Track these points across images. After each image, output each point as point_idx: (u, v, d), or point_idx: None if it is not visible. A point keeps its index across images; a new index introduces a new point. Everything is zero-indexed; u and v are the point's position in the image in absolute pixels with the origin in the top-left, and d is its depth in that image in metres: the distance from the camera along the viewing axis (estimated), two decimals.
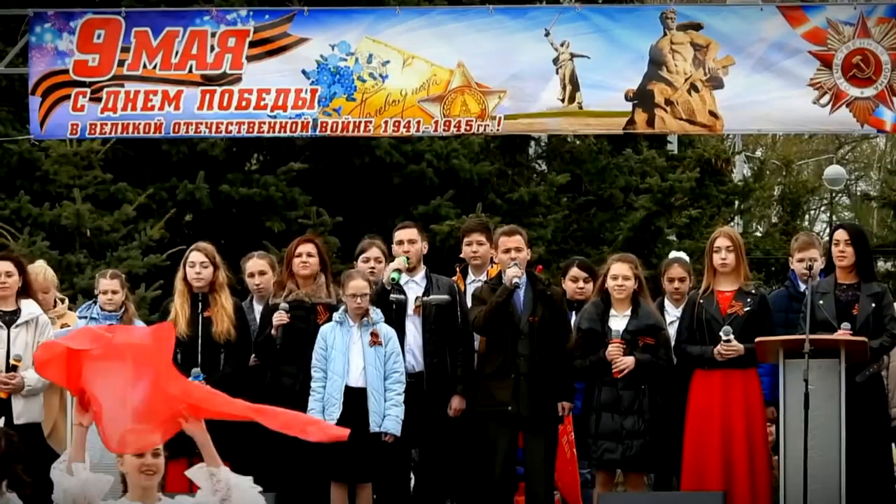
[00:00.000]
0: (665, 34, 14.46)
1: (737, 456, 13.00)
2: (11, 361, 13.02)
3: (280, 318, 13.10)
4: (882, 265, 32.39)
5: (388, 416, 12.83)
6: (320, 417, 12.70)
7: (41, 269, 14.29)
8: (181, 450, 12.96)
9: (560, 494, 14.05)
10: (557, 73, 14.45)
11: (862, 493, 12.75)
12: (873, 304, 12.97)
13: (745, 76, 14.35)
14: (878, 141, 40.67)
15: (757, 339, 12.82)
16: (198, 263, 13.31)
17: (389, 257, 13.67)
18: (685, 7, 16.91)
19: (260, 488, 9.45)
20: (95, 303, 13.64)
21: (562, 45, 14.47)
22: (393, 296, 13.29)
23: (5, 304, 13.25)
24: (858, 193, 44.19)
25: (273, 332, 13.12)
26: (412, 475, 13.58)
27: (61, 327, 13.43)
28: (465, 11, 16.51)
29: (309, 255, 13.49)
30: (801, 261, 13.59)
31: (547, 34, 14.55)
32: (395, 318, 13.21)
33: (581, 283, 14.14)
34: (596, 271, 14.22)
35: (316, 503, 13.03)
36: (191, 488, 10.68)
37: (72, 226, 22.04)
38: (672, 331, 13.31)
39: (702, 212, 28.83)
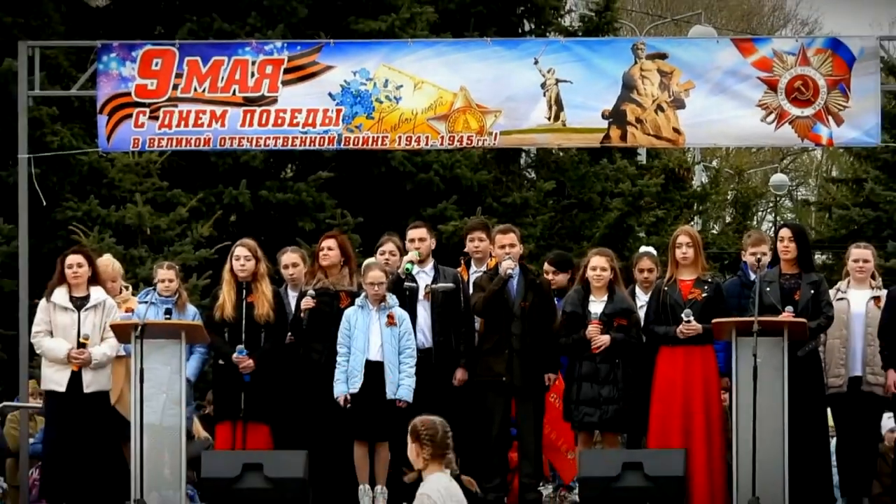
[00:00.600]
0: (636, 62, 14.46)
1: (696, 419, 13.08)
2: (81, 339, 13.09)
3: (307, 303, 13.21)
4: (819, 258, 32.33)
5: (401, 385, 12.91)
6: (344, 387, 12.88)
7: (109, 262, 14.35)
8: (259, 414, 13.26)
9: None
10: (545, 95, 14.46)
11: (802, 450, 12.80)
12: (812, 291, 13.04)
13: (704, 98, 14.36)
14: (816, 153, 40.76)
15: (713, 320, 12.90)
16: (242, 257, 13.38)
17: (403, 251, 13.73)
18: (653, 40, 17.03)
19: None
20: (154, 289, 13.67)
21: (548, 71, 14.48)
22: (406, 284, 13.37)
23: (77, 291, 13.32)
24: (799, 198, 44.23)
25: (301, 314, 13.22)
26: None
27: (125, 311, 13.47)
28: (466, 43, 16.53)
29: (329, 248, 13.59)
30: (752, 254, 13.69)
31: (536, 62, 14.55)
32: (408, 302, 13.26)
33: (550, 276, 14.22)
34: (574, 263, 14.34)
35: (341, 459, 13.07)
36: None
37: (134, 225, 22.07)
38: (641, 313, 13.36)
39: (666, 213, 28.93)
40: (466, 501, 8.83)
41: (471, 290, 13.46)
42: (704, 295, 13.16)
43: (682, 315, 12.95)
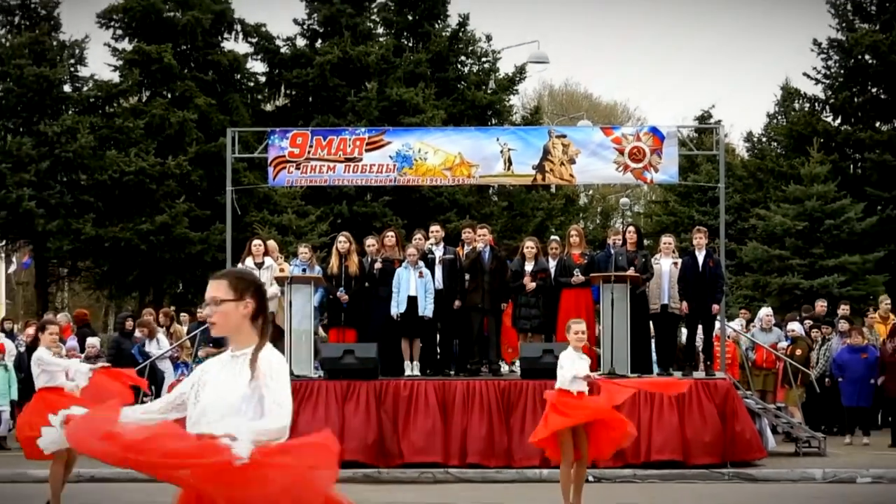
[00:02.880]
0: (550, 139, 14.31)
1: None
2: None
3: (377, 266, 13.19)
4: (645, 242, 32.40)
5: (426, 308, 12.84)
6: (396, 309, 12.78)
7: (273, 244, 14.38)
8: (351, 323, 12.97)
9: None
10: (502, 156, 14.30)
11: (635, 342, 12.79)
12: (643, 260, 13.02)
13: (585, 159, 14.18)
14: (644, 187, 40.71)
15: (591, 275, 12.89)
16: (342, 241, 13.34)
17: (426, 238, 13.69)
18: (559, 128, 16.88)
19: None
20: (298, 258, 13.69)
21: (504, 144, 14.32)
22: (429, 255, 13.29)
23: (257, 259, 13.35)
24: (635, 210, 44.11)
25: (374, 271, 13.19)
26: (438, 335, 13.52)
27: (280, 271, 13.43)
28: (461, 129, 16.54)
29: (388, 236, 13.62)
30: (612, 240, 13.69)
31: (498, 140, 14.41)
32: (430, 265, 13.19)
33: (503, 252, 14.17)
34: (518, 247, 14.29)
35: (394, 348, 13.04)
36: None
37: (287, 225, 22.07)
38: (552, 271, 13.29)
39: (566, 218, 28.84)
40: None
41: (463, 259, 13.40)
42: (585, 261, 13.12)
43: (575, 272, 12.93)
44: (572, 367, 8.90)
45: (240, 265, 13.47)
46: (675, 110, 70.50)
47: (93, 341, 15.19)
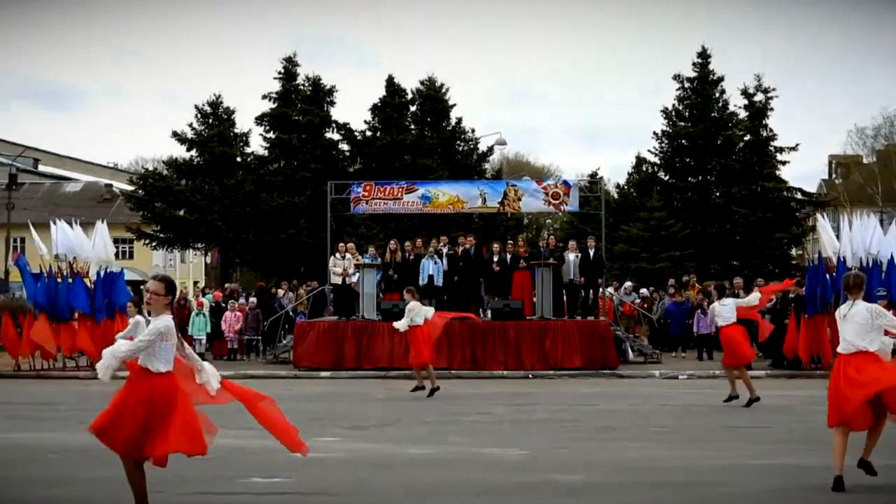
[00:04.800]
0: (507, 187, 14.27)
1: (525, 288, 12.83)
2: (344, 267, 12.91)
3: (411, 258, 12.96)
4: (560, 244, 32.12)
5: (438, 281, 12.65)
6: (422, 282, 12.50)
7: (352, 245, 14.17)
8: (398, 289, 12.79)
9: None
10: (480, 197, 14.25)
11: (555, 301, 12.62)
12: (559, 254, 12.85)
13: (527, 198, 14.09)
14: (560, 214, 40.63)
15: (531, 262, 12.65)
16: (391, 244, 13.21)
17: (439, 242, 13.52)
18: (512, 179, 16.72)
19: None
20: (368, 254, 13.54)
21: (481, 190, 14.26)
22: (440, 251, 13.12)
23: (343, 254, 13.13)
24: (555, 227, 43.76)
25: (410, 259, 13.00)
26: (445, 297, 13.37)
27: (356, 261, 13.23)
28: (458, 182, 16.34)
29: (419, 241, 13.40)
30: (543, 244, 13.48)
31: (478, 188, 14.37)
32: (441, 257, 13.05)
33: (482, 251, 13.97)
34: (490, 247, 14.11)
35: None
36: None
37: (361, 234, 21.87)
38: (509, 261, 13.07)
39: (517, 230, 28.52)
40: None
41: (459, 253, 13.24)
42: (527, 255, 12.89)
43: (521, 261, 12.73)
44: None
45: (331, 257, 13.40)
46: (578, 169, 70.85)
47: (253, 300, 15.23)
